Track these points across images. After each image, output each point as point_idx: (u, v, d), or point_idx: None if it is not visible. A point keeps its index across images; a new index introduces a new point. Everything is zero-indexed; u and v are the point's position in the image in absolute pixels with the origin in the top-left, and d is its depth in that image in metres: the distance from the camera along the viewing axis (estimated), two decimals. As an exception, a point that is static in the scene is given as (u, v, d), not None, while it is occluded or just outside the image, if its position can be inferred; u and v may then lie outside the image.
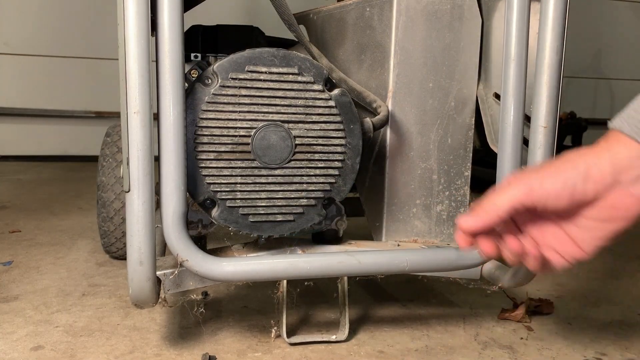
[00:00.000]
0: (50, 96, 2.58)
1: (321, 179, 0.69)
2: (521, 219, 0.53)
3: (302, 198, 0.69)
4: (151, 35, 0.62)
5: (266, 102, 0.66)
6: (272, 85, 0.65)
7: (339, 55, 0.89)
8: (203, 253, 0.66)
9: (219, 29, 0.91)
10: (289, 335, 0.77)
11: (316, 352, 0.76)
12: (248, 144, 0.66)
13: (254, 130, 0.65)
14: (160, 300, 0.69)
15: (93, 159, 1.28)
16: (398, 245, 0.79)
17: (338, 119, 0.68)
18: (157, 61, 0.62)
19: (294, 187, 0.68)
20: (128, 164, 0.62)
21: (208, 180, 0.66)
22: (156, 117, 0.64)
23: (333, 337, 0.78)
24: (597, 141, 0.51)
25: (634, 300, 1.00)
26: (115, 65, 0.63)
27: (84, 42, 2.58)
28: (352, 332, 0.80)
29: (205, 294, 0.94)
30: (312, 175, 0.68)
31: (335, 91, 0.68)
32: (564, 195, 0.49)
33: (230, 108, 0.65)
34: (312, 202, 0.69)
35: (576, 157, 0.50)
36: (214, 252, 0.76)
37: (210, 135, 0.65)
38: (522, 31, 0.68)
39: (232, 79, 0.65)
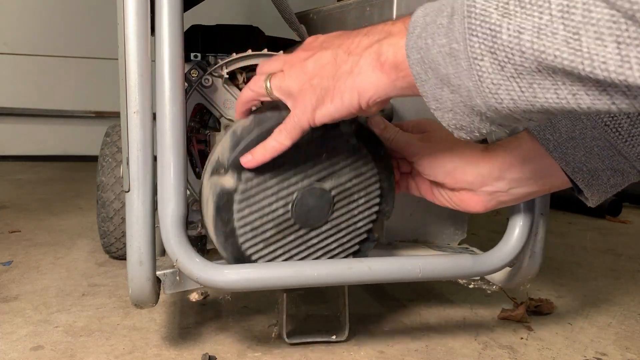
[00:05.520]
0: (50, 96, 2.58)
1: (366, 213, 0.67)
2: None
3: (354, 237, 0.67)
4: (151, 35, 0.62)
5: (292, 172, 0.62)
6: (291, 155, 0.60)
7: (339, 55, 0.88)
8: (204, 259, 0.64)
9: (219, 28, 0.90)
10: (289, 335, 0.77)
11: (316, 352, 0.76)
12: (289, 218, 0.63)
13: (290, 203, 0.63)
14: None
15: (93, 159, 1.28)
16: (397, 244, 0.79)
17: (364, 152, 0.64)
18: (156, 61, 0.62)
19: (344, 232, 0.66)
20: (128, 163, 0.62)
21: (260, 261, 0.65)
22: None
23: (333, 337, 0.78)
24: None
25: (634, 300, 1.00)
26: (115, 65, 0.63)
27: (84, 42, 2.58)
28: (352, 332, 0.80)
29: (205, 294, 0.94)
30: (357, 214, 0.66)
31: (352, 126, 0.63)
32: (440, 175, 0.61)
33: (262, 196, 0.61)
34: (364, 235, 0.68)
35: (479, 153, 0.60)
36: (214, 252, 0.76)
37: (252, 229, 0.62)
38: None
39: (254, 170, 0.60)
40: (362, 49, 0.48)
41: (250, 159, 0.58)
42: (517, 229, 0.71)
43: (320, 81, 0.51)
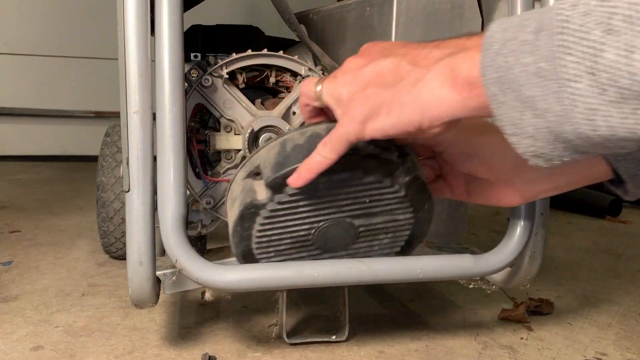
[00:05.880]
0: (50, 96, 2.58)
1: (386, 250, 0.65)
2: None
3: None
4: (151, 35, 0.62)
5: (327, 205, 0.59)
6: (333, 191, 0.58)
7: (339, 54, 0.88)
8: (204, 260, 0.64)
9: (219, 29, 0.90)
10: (288, 335, 0.77)
11: (316, 352, 0.76)
12: (309, 239, 0.62)
13: (314, 228, 0.61)
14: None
15: (93, 159, 1.28)
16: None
17: (409, 204, 0.60)
18: (156, 61, 0.62)
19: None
20: (128, 163, 0.62)
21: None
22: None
23: (333, 337, 0.78)
24: None
25: (634, 300, 1.00)
26: (115, 65, 0.63)
27: (84, 42, 2.58)
28: (352, 332, 0.80)
29: (204, 294, 0.94)
30: (377, 250, 0.65)
31: (407, 178, 0.58)
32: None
33: (288, 217, 0.59)
34: None
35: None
36: (214, 252, 0.76)
37: (268, 241, 0.61)
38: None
39: (291, 194, 0.57)
40: (431, 61, 0.43)
41: (296, 179, 0.54)
42: (518, 229, 0.71)
43: (377, 91, 0.46)
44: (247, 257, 0.63)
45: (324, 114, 0.57)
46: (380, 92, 0.45)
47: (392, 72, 0.45)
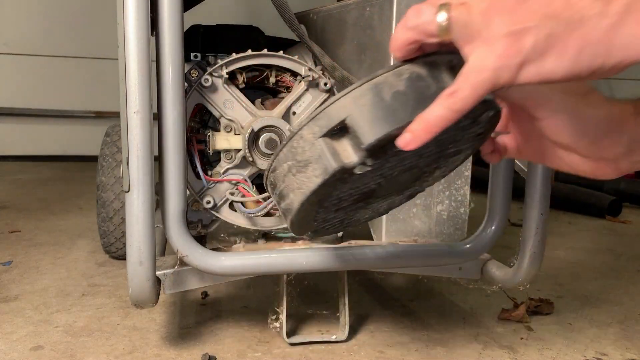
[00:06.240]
0: (50, 96, 2.58)
1: (430, 182, 0.60)
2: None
3: (404, 198, 0.62)
4: (151, 35, 0.62)
5: (413, 157, 0.49)
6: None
7: (339, 54, 0.88)
8: (203, 248, 0.67)
9: (219, 28, 0.91)
10: (289, 335, 0.77)
11: (316, 352, 0.76)
12: (374, 191, 0.54)
13: (386, 179, 0.52)
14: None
15: (93, 159, 1.28)
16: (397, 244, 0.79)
17: (476, 141, 0.52)
18: (157, 61, 0.62)
19: (400, 197, 0.61)
20: (128, 163, 0.62)
21: (319, 224, 0.58)
22: (156, 117, 0.64)
23: (333, 337, 0.78)
24: None
25: (634, 300, 1.00)
26: (115, 65, 0.63)
27: (84, 42, 2.58)
28: (352, 332, 0.80)
29: (205, 294, 0.94)
30: (422, 184, 0.59)
31: (491, 113, 0.47)
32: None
33: (370, 176, 0.49)
34: (412, 196, 0.63)
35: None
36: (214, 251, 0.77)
37: (338, 202, 0.53)
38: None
39: (388, 153, 0.46)
40: None
41: (410, 140, 0.40)
42: (494, 219, 0.72)
43: (542, 24, 0.35)
44: (304, 222, 0.53)
45: (422, 51, 0.43)
46: (548, 25, 0.35)
47: (563, 2, 0.35)
